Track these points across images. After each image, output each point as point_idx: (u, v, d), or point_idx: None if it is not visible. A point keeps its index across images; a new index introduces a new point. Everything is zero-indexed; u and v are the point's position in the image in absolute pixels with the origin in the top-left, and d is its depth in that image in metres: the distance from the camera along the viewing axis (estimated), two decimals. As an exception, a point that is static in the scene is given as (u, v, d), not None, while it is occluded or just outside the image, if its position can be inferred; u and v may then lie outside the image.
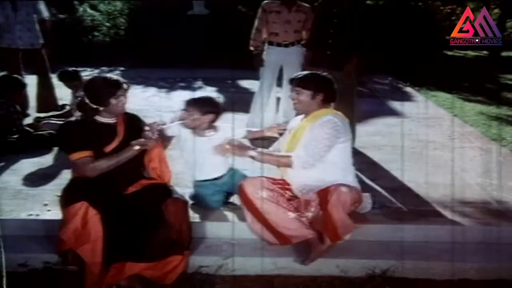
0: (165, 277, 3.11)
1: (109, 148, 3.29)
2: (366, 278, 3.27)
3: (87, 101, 3.31)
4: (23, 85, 5.80)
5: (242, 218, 3.55)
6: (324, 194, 3.30)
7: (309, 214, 3.40)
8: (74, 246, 3.03)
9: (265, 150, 3.59)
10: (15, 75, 5.87)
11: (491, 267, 3.35)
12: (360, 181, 3.75)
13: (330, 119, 3.42)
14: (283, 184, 3.53)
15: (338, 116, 3.48)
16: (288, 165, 3.43)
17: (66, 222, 3.08)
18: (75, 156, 3.23)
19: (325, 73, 3.61)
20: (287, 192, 3.50)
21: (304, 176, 3.45)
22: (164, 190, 3.30)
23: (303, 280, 3.26)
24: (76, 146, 3.25)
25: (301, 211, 3.39)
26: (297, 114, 3.73)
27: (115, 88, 3.28)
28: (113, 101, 3.28)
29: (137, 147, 3.28)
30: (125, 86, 3.33)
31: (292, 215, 3.33)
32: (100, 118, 3.34)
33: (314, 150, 3.38)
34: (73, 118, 3.49)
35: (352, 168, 3.57)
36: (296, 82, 3.51)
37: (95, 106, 3.29)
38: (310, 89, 3.46)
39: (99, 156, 3.26)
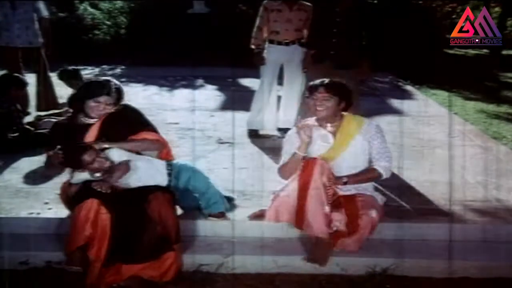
0: (163, 276, 3.11)
1: None
2: (367, 276, 3.27)
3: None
4: (24, 84, 5.80)
5: (243, 217, 3.56)
6: (354, 218, 3.31)
7: (337, 225, 3.32)
8: (83, 240, 3.07)
9: (351, 174, 3.46)
10: (16, 74, 5.86)
11: (491, 265, 3.35)
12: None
13: (377, 124, 3.60)
14: None
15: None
16: (377, 178, 3.51)
17: (77, 218, 3.11)
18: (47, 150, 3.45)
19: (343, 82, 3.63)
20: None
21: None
22: (144, 188, 3.30)
23: (303, 278, 3.27)
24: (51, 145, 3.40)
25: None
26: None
27: (81, 101, 3.40)
28: (91, 103, 3.36)
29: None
30: (98, 99, 3.36)
31: (327, 209, 3.27)
32: (82, 117, 3.44)
33: (390, 155, 3.53)
34: (61, 118, 3.63)
35: None
36: (326, 89, 3.47)
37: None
38: (338, 96, 3.48)
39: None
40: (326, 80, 3.53)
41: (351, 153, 3.48)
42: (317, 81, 3.56)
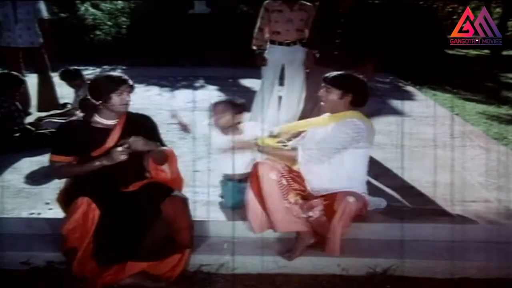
0: (164, 276, 3.12)
1: (97, 152, 3.25)
2: (367, 277, 3.28)
3: (89, 97, 3.29)
4: (22, 81, 5.77)
5: (243, 217, 3.56)
6: (330, 202, 3.30)
7: (311, 214, 3.32)
8: (74, 241, 3.05)
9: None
10: (13, 72, 5.81)
11: (492, 266, 3.35)
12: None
13: (354, 121, 3.38)
14: (298, 176, 3.49)
15: (364, 121, 3.44)
16: (293, 157, 3.41)
17: (67, 217, 3.10)
18: (53, 157, 3.30)
19: (359, 75, 3.56)
20: (298, 184, 3.44)
21: (319, 178, 3.44)
22: (163, 189, 3.28)
23: (304, 279, 3.27)
24: (58, 150, 3.30)
25: (304, 209, 3.34)
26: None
27: (117, 83, 3.24)
28: (114, 97, 3.23)
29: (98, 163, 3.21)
30: (130, 82, 3.29)
31: (287, 205, 3.28)
32: (98, 119, 3.31)
33: (326, 146, 3.36)
34: (71, 119, 3.46)
35: (366, 176, 3.59)
36: (327, 80, 3.46)
37: (96, 103, 3.27)
38: (340, 88, 3.42)
39: (86, 159, 3.26)
40: (334, 73, 3.49)
41: (312, 136, 3.49)
42: (327, 74, 3.53)
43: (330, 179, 3.42)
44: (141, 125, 3.40)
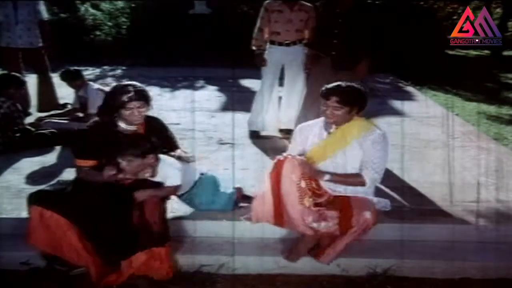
0: (161, 274, 3.12)
1: None
2: (367, 277, 3.28)
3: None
4: (23, 82, 5.76)
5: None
6: (347, 217, 3.24)
7: (316, 225, 3.27)
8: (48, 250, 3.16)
9: (335, 172, 3.39)
10: (14, 73, 5.81)
11: (492, 266, 3.35)
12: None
13: (381, 133, 3.39)
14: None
15: (379, 128, 3.46)
16: (361, 184, 3.35)
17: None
18: (79, 162, 3.33)
19: (358, 84, 3.51)
20: (316, 184, 3.42)
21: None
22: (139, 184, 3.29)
23: (304, 279, 3.28)
24: (83, 154, 3.32)
25: (316, 218, 3.30)
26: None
27: (125, 100, 3.22)
28: (124, 112, 3.25)
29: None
30: (134, 97, 3.22)
31: (299, 207, 3.24)
32: (121, 124, 3.33)
33: (381, 167, 3.36)
34: (93, 123, 3.42)
35: None
36: (337, 98, 3.35)
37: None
38: (349, 105, 3.37)
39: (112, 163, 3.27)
40: (340, 88, 3.39)
41: (343, 158, 3.39)
42: (331, 87, 3.41)
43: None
44: (157, 127, 3.47)
